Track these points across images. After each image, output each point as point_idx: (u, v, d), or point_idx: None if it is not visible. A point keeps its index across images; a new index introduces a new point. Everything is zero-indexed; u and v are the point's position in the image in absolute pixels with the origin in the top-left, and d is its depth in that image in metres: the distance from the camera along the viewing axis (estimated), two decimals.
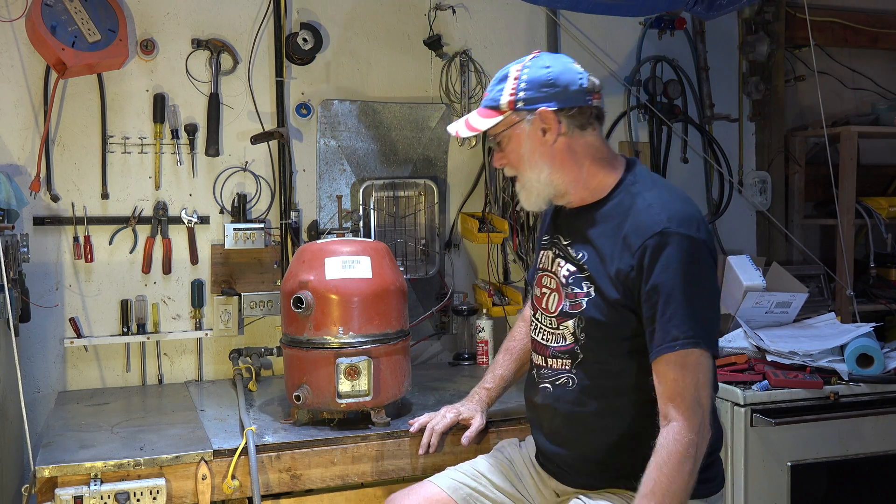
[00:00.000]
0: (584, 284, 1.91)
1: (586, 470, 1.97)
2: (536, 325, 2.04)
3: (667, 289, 1.77)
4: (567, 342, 1.94)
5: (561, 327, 1.95)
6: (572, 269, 1.94)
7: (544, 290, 2.02)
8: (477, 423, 2.25)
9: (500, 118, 1.92)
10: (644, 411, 1.85)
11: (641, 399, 1.86)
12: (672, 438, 1.73)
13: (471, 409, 2.28)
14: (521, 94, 1.90)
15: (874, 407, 2.56)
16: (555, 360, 1.98)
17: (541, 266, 2.07)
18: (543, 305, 2.01)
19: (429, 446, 2.23)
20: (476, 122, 1.95)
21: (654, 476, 1.72)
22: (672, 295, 1.76)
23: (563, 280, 1.95)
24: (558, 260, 1.98)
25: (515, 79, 1.91)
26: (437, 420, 2.27)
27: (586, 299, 1.90)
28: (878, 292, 3.62)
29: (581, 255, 1.93)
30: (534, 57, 1.94)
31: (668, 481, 1.71)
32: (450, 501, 2.06)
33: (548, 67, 1.90)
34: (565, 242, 1.98)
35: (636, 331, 1.85)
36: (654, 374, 1.80)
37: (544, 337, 2.01)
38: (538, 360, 2.03)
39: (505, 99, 1.91)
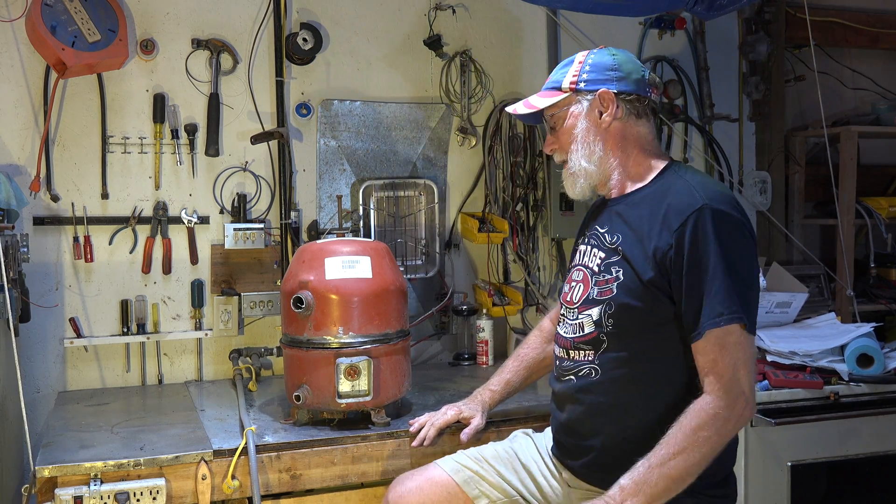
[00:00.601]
0: (613, 269, 1.91)
1: (605, 464, 1.93)
2: (562, 320, 2.06)
3: (711, 265, 1.78)
4: (587, 331, 1.94)
5: (581, 316, 1.95)
6: (603, 255, 1.95)
7: (572, 283, 2.03)
8: (476, 422, 2.26)
9: (559, 97, 1.98)
10: (671, 406, 1.84)
11: (668, 393, 1.87)
12: (700, 406, 1.77)
13: (472, 409, 2.29)
14: (584, 76, 1.97)
15: (874, 407, 2.56)
16: (577, 351, 1.97)
17: (571, 265, 2.09)
18: (569, 299, 2.03)
19: (424, 439, 2.24)
20: (535, 100, 2.01)
21: (673, 431, 1.76)
22: (716, 271, 1.77)
23: (595, 268, 1.96)
24: (593, 250, 1.99)
25: (580, 63, 1.99)
26: (437, 417, 2.28)
27: (616, 283, 1.89)
28: (878, 292, 3.62)
29: (616, 237, 1.94)
30: (601, 48, 2.02)
31: (683, 437, 1.74)
32: (450, 482, 2.08)
33: (614, 56, 2.00)
34: (603, 230, 1.99)
35: (666, 317, 1.85)
36: (694, 352, 1.81)
37: (565, 330, 2.01)
38: (561, 353, 2.04)
39: (567, 80, 1.98)
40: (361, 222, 3.15)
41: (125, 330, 2.93)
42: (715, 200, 1.82)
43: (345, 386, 2.28)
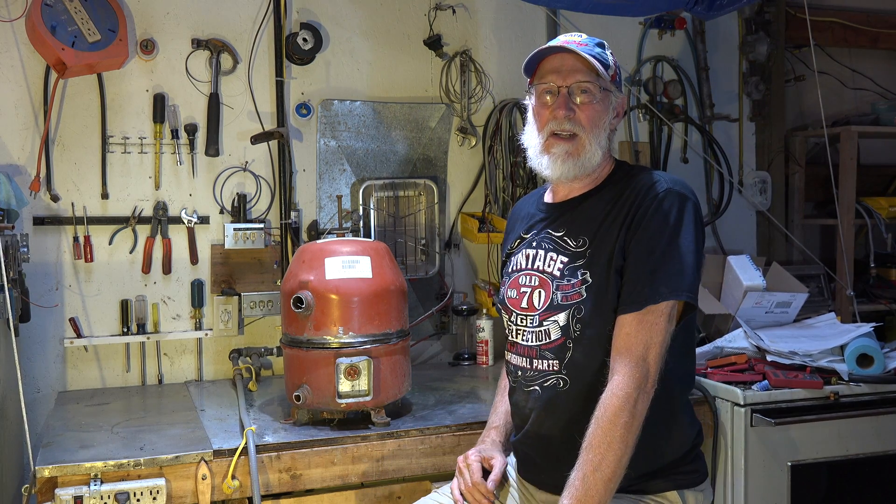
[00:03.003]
0: (580, 273, 1.87)
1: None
2: (514, 328, 1.98)
3: (664, 241, 1.80)
4: (554, 337, 1.88)
5: (546, 323, 1.90)
6: (566, 259, 1.90)
7: (524, 289, 1.96)
8: (499, 463, 2.03)
9: (608, 77, 1.94)
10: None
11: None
12: (610, 393, 1.75)
13: (489, 450, 2.06)
14: (619, 71, 1.99)
15: (874, 407, 2.56)
16: (541, 360, 1.91)
17: (513, 269, 2.03)
18: (524, 305, 1.95)
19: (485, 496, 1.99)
20: (593, 61, 1.90)
21: (592, 430, 1.74)
22: (669, 248, 1.80)
23: (557, 272, 1.90)
24: (550, 254, 1.94)
25: (612, 54, 1.99)
26: (470, 474, 2.00)
27: (584, 287, 1.86)
28: (878, 292, 3.62)
29: (580, 240, 1.90)
30: None
31: (603, 433, 1.72)
32: None
33: None
34: (559, 233, 1.95)
35: None
36: (615, 325, 1.81)
37: (525, 337, 1.94)
38: (522, 362, 1.96)
39: (612, 64, 1.97)
40: (361, 222, 3.15)
41: (125, 330, 2.93)
42: (678, 186, 1.88)
43: (345, 386, 2.28)
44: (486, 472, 2.00)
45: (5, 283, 2.33)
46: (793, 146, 3.78)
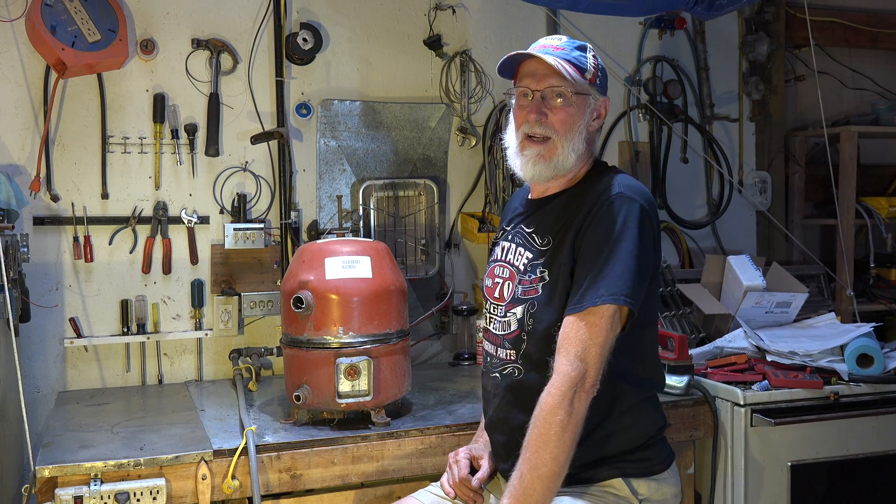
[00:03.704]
0: (539, 269, 1.93)
1: None
2: (488, 316, 2.06)
3: (608, 245, 1.82)
4: (513, 329, 1.96)
5: (508, 314, 1.97)
6: (531, 255, 1.96)
7: (497, 279, 2.04)
8: (486, 464, 2.08)
9: (583, 80, 1.94)
10: (595, 399, 1.82)
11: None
12: (546, 392, 1.78)
13: (479, 450, 2.13)
14: (599, 75, 1.98)
15: (874, 407, 2.56)
16: (503, 349, 1.99)
17: (493, 259, 2.10)
18: (496, 295, 2.03)
19: (473, 491, 2.06)
20: (565, 65, 1.91)
21: (530, 429, 1.77)
22: (612, 252, 1.81)
23: (522, 267, 1.97)
24: (519, 249, 2.00)
25: (594, 57, 1.99)
26: (458, 469, 2.08)
27: (541, 284, 1.92)
28: (878, 292, 3.62)
29: (546, 239, 1.95)
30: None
31: (539, 433, 1.74)
32: None
33: None
34: (529, 230, 2.00)
35: None
36: (564, 323, 1.83)
37: (495, 326, 2.02)
38: (490, 349, 2.04)
39: (590, 67, 1.96)
40: (361, 222, 3.15)
41: (125, 330, 2.93)
42: (630, 191, 1.89)
43: (345, 386, 2.28)
44: (476, 471, 2.06)
45: (5, 283, 2.33)
46: (793, 146, 3.78)
